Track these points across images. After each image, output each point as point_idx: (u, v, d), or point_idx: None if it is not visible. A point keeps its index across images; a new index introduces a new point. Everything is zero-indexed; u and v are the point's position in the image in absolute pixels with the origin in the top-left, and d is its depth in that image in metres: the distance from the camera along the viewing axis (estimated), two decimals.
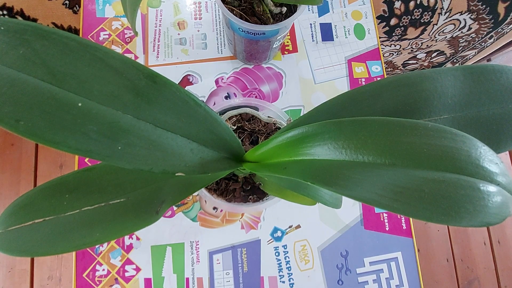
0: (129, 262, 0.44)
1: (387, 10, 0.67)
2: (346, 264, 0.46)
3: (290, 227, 0.47)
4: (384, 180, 0.16)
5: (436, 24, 0.69)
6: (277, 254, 0.46)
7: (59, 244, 0.21)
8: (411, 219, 0.48)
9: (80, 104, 0.16)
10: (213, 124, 0.22)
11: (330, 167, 0.18)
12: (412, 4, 0.65)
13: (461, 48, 0.77)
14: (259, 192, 0.36)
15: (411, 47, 0.78)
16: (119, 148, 0.17)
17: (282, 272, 0.45)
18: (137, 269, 0.44)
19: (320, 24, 0.54)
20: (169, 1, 0.53)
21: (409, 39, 0.75)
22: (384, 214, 0.48)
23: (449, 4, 0.64)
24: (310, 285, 0.45)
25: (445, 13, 0.66)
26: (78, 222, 0.21)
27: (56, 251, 0.21)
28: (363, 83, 0.53)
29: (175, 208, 0.46)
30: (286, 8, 0.41)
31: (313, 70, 0.53)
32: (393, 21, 0.70)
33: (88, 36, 0.51)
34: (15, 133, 0.15)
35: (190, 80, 0.51)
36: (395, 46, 0.78)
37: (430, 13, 0.66)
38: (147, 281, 0.44)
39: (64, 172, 1.11)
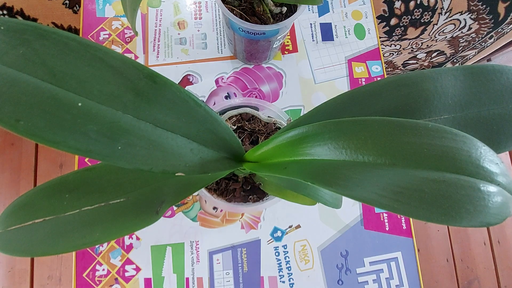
0: (129, 262, 0.44)
1: (387, 10, 0.67)
2: (346, 264, 0.46)
3: (290, 227, 0.47)
4: (384, 180, 0.16)
5: (436, 24, 0.69)
6: (277, 254, 0.46)
7: (59, 244, 0.21)
8: (411, 219, 0.48)
9: (80, 104, 0.16)
10: (213, 124, 0.22)
11: (330, 167, 0.18)
12: (412, 4, 0.65)
13: (461, 48, 0.77)
14: (259, 192, 0.36)
15: (411, 47, 0.78)
16: (119, 148, 0.17)
17: (282, 272, 0.45)
18: (137, 269, 0.44)
19: (320, 24, 0.54)
20: (169, 1, 0.53)
21: (409, 39, 0.75)
22: (384, 214, 0.48)
23: (449, 4, 0.64)
24: (310, 285, 0.45)
25: (445, 13, 0.65)
26: (78, 222, 0.21)
27: (56, 251, 0.21)
28: (363, 83, 0.53)
29: (175, 208, 0.46)
30: (286, 8, 0.41)
31: (313, 70, 0.53)
32: (393, 21, 0.70)
33: (88, 36, 0.51)
34: (15, 133, 0.15)
35: (190, 80, 0.51)
36: (395, 46, 0.78)
37: (430, 13, 0.66)
38: (147, 281, 0.44)
39: (64, 172, 1.11)
